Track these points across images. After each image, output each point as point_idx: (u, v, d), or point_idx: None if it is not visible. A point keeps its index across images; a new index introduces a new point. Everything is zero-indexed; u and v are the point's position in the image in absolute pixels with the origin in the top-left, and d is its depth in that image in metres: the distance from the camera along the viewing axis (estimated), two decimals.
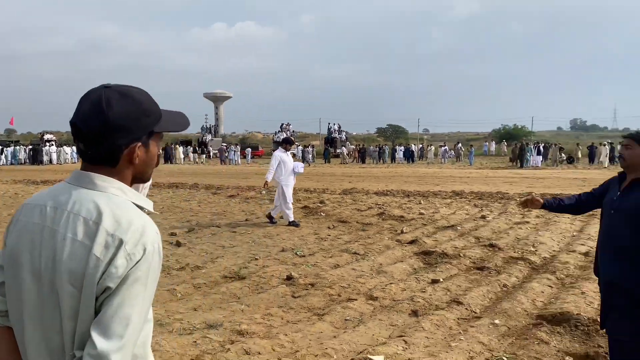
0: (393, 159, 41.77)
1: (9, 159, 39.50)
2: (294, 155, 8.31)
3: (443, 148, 40.93)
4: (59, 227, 1.17)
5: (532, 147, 31.94)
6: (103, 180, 1.21)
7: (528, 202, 3.26)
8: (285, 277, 5.82)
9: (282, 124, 56.36)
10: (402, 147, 43.28)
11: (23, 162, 39.70)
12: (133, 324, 1.13)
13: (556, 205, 3.23)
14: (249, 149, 47.23)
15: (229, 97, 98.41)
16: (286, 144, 9.45)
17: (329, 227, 9.24)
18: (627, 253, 2.64)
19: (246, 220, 10.17)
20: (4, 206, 12.68)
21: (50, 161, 40.08)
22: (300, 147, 51.49)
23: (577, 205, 3.18)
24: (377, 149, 42.79)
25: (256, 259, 6.74)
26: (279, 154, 9.28)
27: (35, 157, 39.55)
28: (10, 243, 1.24)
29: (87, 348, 1.10)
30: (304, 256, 6.97)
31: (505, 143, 49.40)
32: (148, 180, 1.36)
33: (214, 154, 50.86)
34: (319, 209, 11.34)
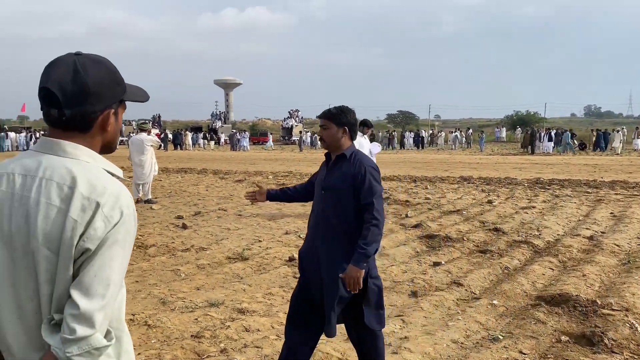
0: (402, 145, 41.64)
1: (21, 144, 39.90)
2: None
3: (454, 134, 40.68)
4: (31, 193, 1.16)
5: (543, 133, 31.63)
6: (74, 148, 1.21)
7: (255, 194, 3.07)
8: (287, 259, 5.87)
9: (291, 111, 56.27)
10: (412, 133, 43.12)
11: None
12: (113, 284, 1.15)
13: (282, 194, 3.08)
14: (270, 135, 47.75)
15: (239, 84, 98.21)
16: (364, 126, 8.91)
17: None
18: (335, 231, 2.64)
19: (252, 204, 10.24)
20: None
21: None
22: (308, 133, 51.49)
23: (302, 192, 3.03)
24: (387, 135, 42.70)
25: (260, 241, 6.81)
26: (358, 138, 8.87)
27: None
28: None
29: (69, 309, 1.11)
30: None
31: (520, 129, 48.85)
32: (114, 149, 1.35)
33: (225, 140, 51.05)
34: None
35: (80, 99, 1.19)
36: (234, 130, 48.93)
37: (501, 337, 3.70)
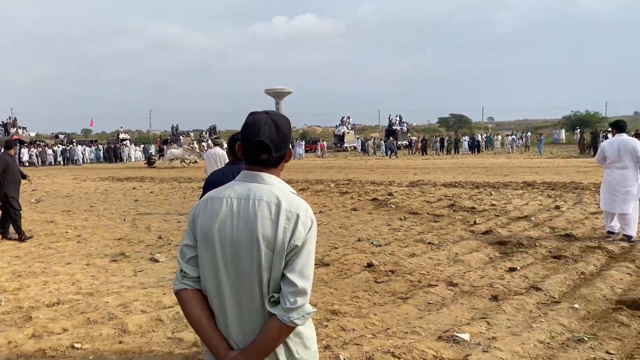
0: (457, 149, 41.21)
1: (91, 157, 42.34)
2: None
3: (511, 137, 39.91)
4: (249, 209, 1.64)
5: (602, 134, 30.50)
6: (269, 177, 1.71)
7: None
8: (366, 265, 6.23)
9: (343, 117, 56.79)
10: (467, 138, 42.62)
11: (102, 159, 42.46)
12: (313, 268, 1.65)
13: None
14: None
15: (289, 93, 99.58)
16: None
17: (400, 219, 9.56)
18: None
19: (320, 212, 10.68)
20: (98, 201, 13.91)
21: (128, 158, 42.63)
22: (360, 139, 51.67)
23: None
24: (438, 140, 42.42)
25: (336, 248, 7.20)
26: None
27: (113, 155, 42.25)
28: (202, 225, 1.68)
29: (288, 287, 1.58)
30: (379, 245, 7.35)
31: (579, 130, 47.09)
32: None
33: None
34: (388, 201, 11.67)
35: (284, 146, 1.72)
36: None
37: (586, 339, 3.90)
